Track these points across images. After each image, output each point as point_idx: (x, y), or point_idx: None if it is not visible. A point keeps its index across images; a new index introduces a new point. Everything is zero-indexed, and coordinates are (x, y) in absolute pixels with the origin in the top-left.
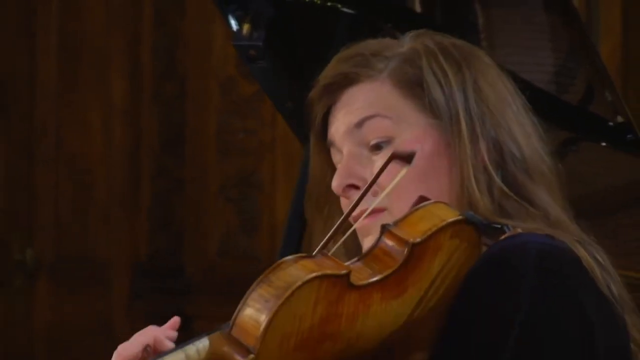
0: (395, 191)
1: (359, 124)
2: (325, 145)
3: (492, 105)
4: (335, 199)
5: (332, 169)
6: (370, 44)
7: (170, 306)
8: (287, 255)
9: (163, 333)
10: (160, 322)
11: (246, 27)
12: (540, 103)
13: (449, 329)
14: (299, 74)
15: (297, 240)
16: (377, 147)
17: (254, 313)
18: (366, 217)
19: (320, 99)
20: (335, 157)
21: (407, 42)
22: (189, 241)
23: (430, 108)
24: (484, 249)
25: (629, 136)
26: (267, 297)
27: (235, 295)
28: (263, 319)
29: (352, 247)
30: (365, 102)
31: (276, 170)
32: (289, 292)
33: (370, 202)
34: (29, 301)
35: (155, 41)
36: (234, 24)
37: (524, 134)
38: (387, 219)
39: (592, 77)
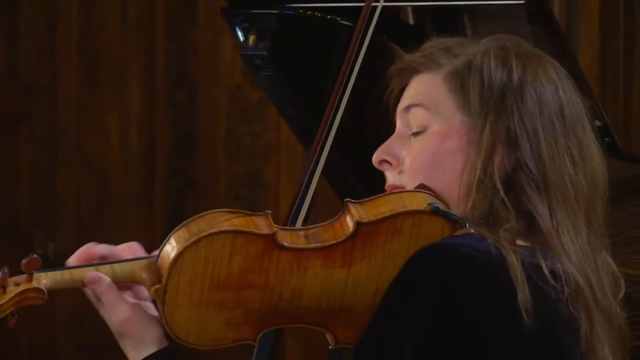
0: (413, 172)
1: (407, 109)
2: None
3: (527, 111)
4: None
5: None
6: (449, 41)
7: None
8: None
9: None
10: None
11: (252, 39)
12: None
13: (375, 314)
14: (301, 81)
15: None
16: (416, 133)
17: (169, 249)
18: (387, 187)
19: (395, 77)
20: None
21: (479, 44)
22: None
23: (467, 106)
24: None
25: (606, 139)
26: (181, 238)
27: None
28: (172, 255)
29: None
30: (417, 91)
31: (280, 171)
32: (195, 238)
33: (394, 179)
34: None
35: (168, 52)
36: (240, 35)
37: (554, 150)
38: None
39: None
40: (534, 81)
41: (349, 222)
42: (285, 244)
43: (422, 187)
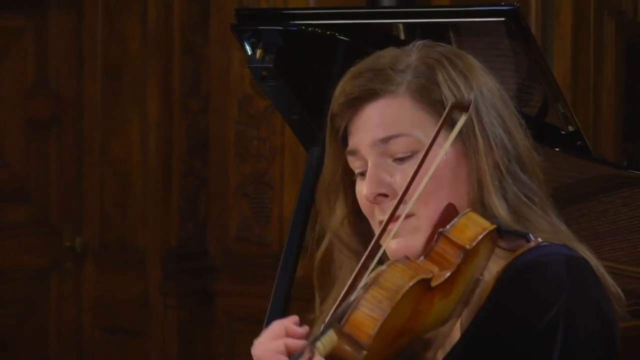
0: (422, 198)
1: (385, 140)
2: (342, 150)
3: (496, 110)
4: (339, 192)
5: (343, 170)
6: (383, 57)
7: (196, 284)
8: (293, 241)
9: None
10: (189, 298)
11: (259, 52)
12: None
13: (482, 328)
14: (303, 91)
15: (301, 229)
16: (401, 160)
17: (369, 312)
18: (396, 222)
19: (343, 111)
20: (355, 163)
21: (415, 53)
22: (211, 230)
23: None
24: (499, 251)
25: (578, 143)
26: (379, 298)
27: (250, 275)
28: (378, 318)
29: (348, 241)
30: (390, 119)
31: (284, 171)
32: (399, 295)
33: (400, 209)
34: (78, 280)
35: (184, 64)
36: (249, 49)
37: (519, 133)
38: (414, 222)
39: (547, 93)
40: (481, 76)
41: (455, 251)
42: (434, 285)
43: (450, 207)
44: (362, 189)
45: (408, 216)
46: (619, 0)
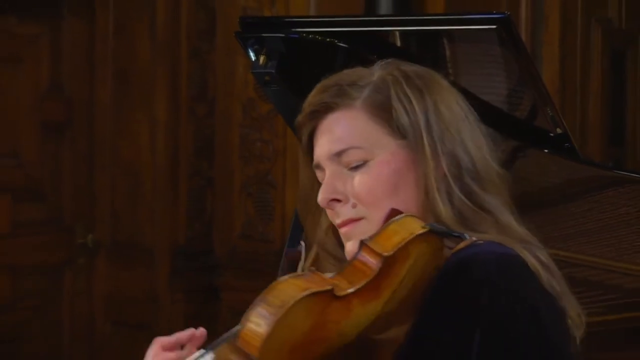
0: (371, 203)
1: (338, 154)
2: (311, 160)
3: (450, 124)
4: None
5: (319, 181)
6: (347, 75)
7: (203, 280)
8: (295, 238)
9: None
10: (195, 293)
11: (262, 58)
12: (496, 118)
13: (419, 325)
14: (304, 95)
15: (302, 227)
16: (354, 168)
17: (254, 327)
18: (347, 225)
19: (306, 122)
20: (319, 174)
21: (377, 71)
22: (217, 228)
23: (398, 131)
24: (446, 250)
25: (566, 144)
26: (265, 314)
27: (254, 271)
28: (262, 332)
29: (334, 250)
30: (343, 133)
31: (286, 172)
32: (282, 310)
33: (351, 213)
34: (90, 276)
35: (190, 70)
36: (252, 56)
37: (477, 147)
38: (364, 225)
39: (537, 98)
40: (439, 95)
41: (374, 259)
42: (340, 294)
43: (395, 211)
44: None
45: (359, 219)
46: (605, 8)
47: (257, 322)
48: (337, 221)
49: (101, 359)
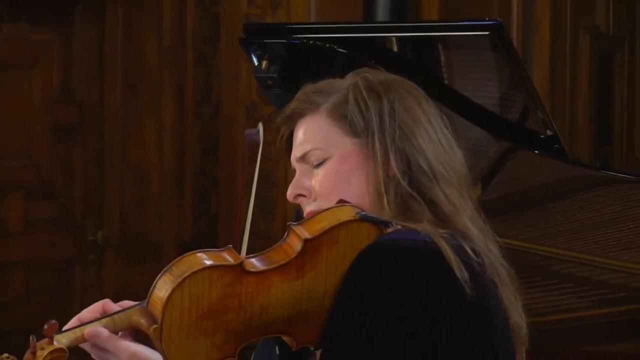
0: (326, 195)
1: (302, 158)
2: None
3: (404, 125)
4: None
5: None
6: (319, 84)
7: None
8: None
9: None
10: None
11: (265, 63)
12: (489, 121)
13: (333, 311)
14: None
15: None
16: (317, 165)
17: (158, 293)
18: (306, 214)
19: (282, 126)
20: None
21: (346, 80)
22: (221, 225)
23: (353, 131)
24: None
25: (555, 146)
26: (167, 281)
27: None
28: (163, 297)
29: None
30: (306, 137)
31: (288, 172)
32: (180, 279)
33: (312, 206)
34: (100, 271)
35: (196, 75)
36: (255, 61)
37: (432, 146)
38: None
39: (528, 101)
40: (399, 98)
41: (297, 241)
42: (251, 269)
43: (341, 202)
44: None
45: (318, 211)
46: (593, 15)
47: (160, 288)
48: (304, 214)
49: None
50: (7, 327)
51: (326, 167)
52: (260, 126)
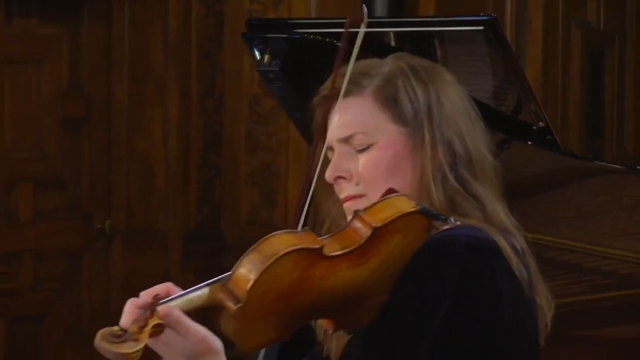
0: (371, 182)
1: (344, 140)
2: (324, 139)
3: (450, 115)
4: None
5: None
6: (361, 64)
7: (212, 263)
8: (298, 222)
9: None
10: (205, 275)
11: (267, 57)
12: (483, 113)
13: (393, 297)
14: (305, 91)
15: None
16: (360, 150)
17: (245, 272)
18: (349, 200)
19: (320, 105)
20: (330, 153)
21: (389, 63)
22: (225, 214)
23: (401, 119)
24: (433, 232)
25: (548, 137)
26: (256, 261)
27: None
28: (251, 277)
29: (340, 219)
30: (351, 119)
31: (289, 162)
32: (271, 260)
33: (353, 190)
34: (107, 259)
35: (200, 69)
36: (257, 55)
37: (473, 138)
38: (364, 202)
39: (521, 94)
40: (443, 88)
41: (365, 228)
42: (328, 254)
43: (391, 191)
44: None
45: (360, 196)
46: (585, 11)
47: (248, 268)
48: (341, 196)
49: None
50: (17, 313)
51: (371, 153)
52: (365, 10)
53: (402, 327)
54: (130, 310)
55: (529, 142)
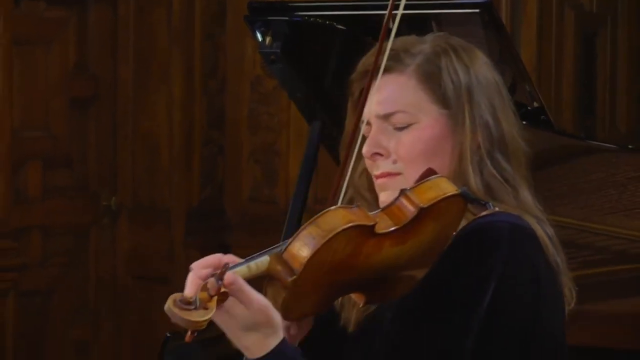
0: (410, 161)
1: (385, 117)
2: (360, 113)
3: (488, 99)
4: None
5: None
6: (403, 41)
7: (215, 239)
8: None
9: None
10: (208, 251)
11: (268, 39)
12: None
13: (435, 281)
14: (306, 72)
15: (304, 190)
16: (399, 128)
17: (301, 245)
18: (385, 177)
19: (359, 79)
20: (366, 128)
21: (430, 41)
22: (228, 191)
23: (442, 100)
24: (469, 214)
25: (542, 117)
26: (314, 235)
27: (261, 229)
28: (308, 251)
29: (364, 192)
30: (392, 96)
31: (290, 141)
32: (330, 235)
33: (390, 167)
34: (113, 235)
35: (204, 51)
36: (259, 37)
37: (507, 122)
38: (401, 180)
39: (516, 75)
40: (482, 70)
41: (411, 208)
42: (379, 231)
43: (430, 171)
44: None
45: (397, 174)
46: None
47: (306, 242)
48: (375, 172)
49: (123, 309)
50: (27, 287)
51: (411, 132)
52: None
53: (447, 313)
54: (194, 281)
55: (524, 122)
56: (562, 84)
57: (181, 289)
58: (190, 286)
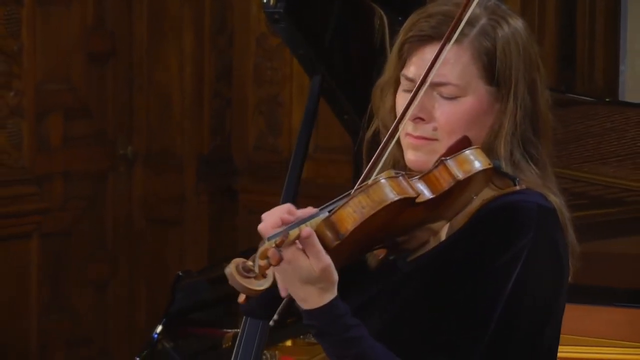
0: (449, 132)
1: (435, 84)
2: (400, 66)
3: (532, 79)
4: (390, 89)
5: (397, 77)
6: (458, 7)
7: (223, 184)
8: (300, 149)
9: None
10: (217, 195)
11: (272, 0)
12: None
13: (458, 243)
14: (307, 30)
15: (306, 140)
16: (446, 99)
17: (351, 212)
18: (420, 140)
19: (411, 43)
20: (405, 84)
21: (484, 13)
22: (235, 140)
23: (491, 78)
24: (492, 185)
25: None
26: (365, 205)
27: (265, 176)
28: (357, 219)
29: (388, 127)
30: (447, 67)
31: (292, 94)
32: (380, 207)
33: (429, 133)
34: (129, 181)
35: (213, 10)
36: None
37: (543, 100)
38: (435, 145)
39: None
40: (528, 47)
41: (449, 178)
42: (419, 202)
43: (466, 140)
44: (401, 100)
45: (434, 140)
46: None
47: (355, 209)
48: (412, 132)
49: (138, 250)
50: (49, 229)
51: (456, 105)
52: None
53: (476, 290)
54: (274, 222)
55: None
56: (544, 39)
57: (192, 230)
58: (268, 226)
